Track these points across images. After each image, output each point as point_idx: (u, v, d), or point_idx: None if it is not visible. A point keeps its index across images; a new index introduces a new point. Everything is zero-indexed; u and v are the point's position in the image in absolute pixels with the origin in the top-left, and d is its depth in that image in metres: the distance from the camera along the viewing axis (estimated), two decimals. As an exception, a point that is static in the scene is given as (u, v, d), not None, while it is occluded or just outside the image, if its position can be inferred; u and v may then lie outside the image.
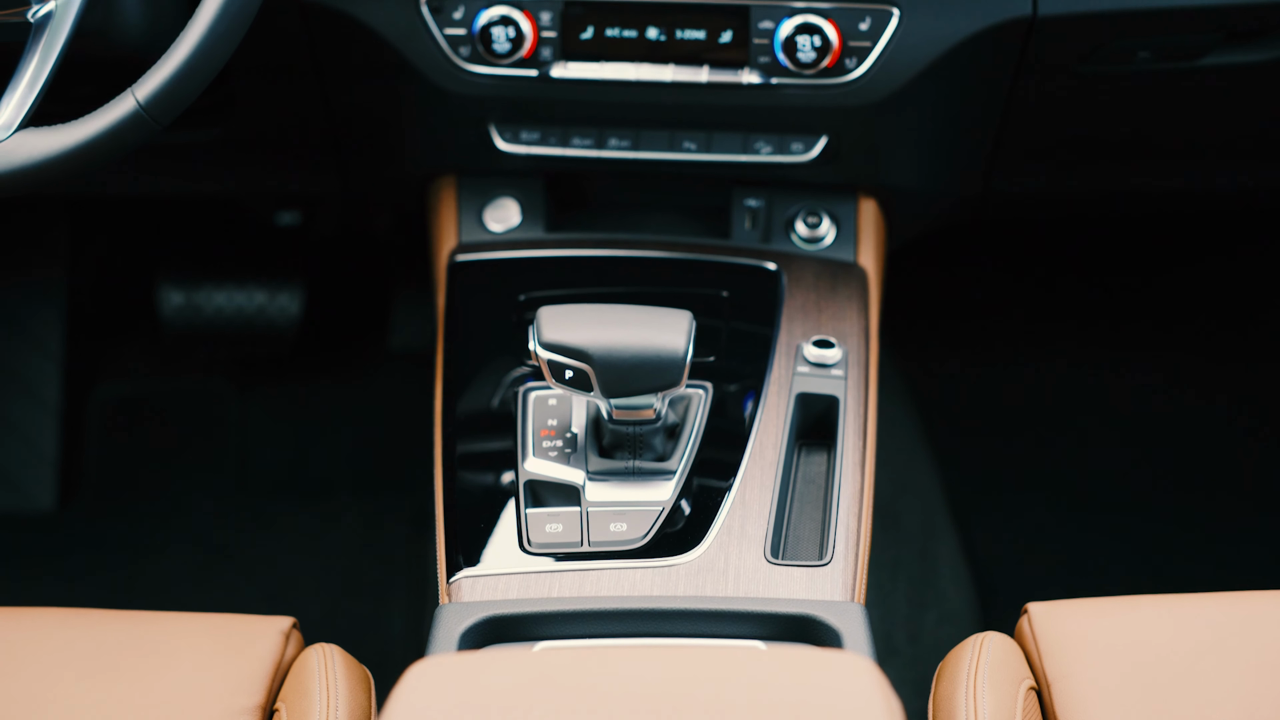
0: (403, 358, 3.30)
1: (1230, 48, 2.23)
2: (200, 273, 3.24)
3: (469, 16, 2.15)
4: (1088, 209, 2.94)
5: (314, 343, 3.33)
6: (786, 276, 2.24)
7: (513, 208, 2.35)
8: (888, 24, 2.13)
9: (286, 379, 3.33)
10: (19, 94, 1.89)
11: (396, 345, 3.32)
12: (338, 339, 3.37)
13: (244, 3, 1.84)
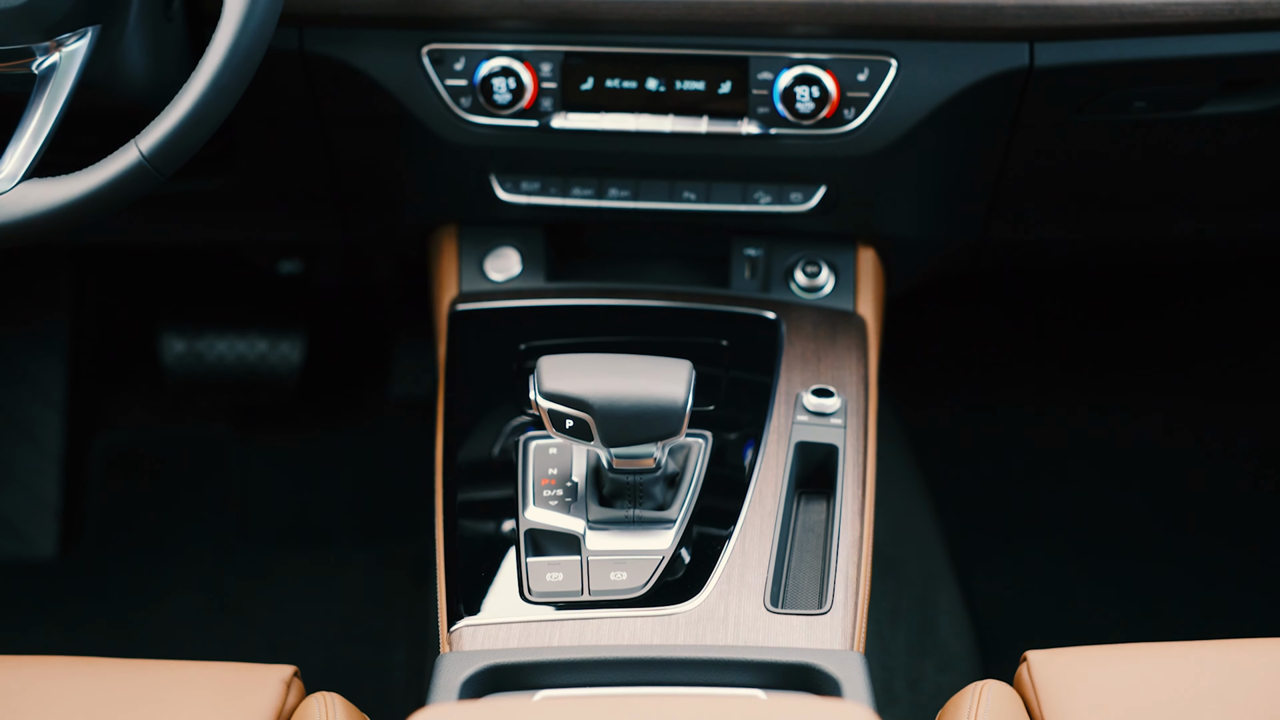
0: (404, 405, 3.31)
1: (1227, 97, 2.25)
2: (202, 321, 3.25)
3: (470, 68, 2.17)
4: (1087, 257, 2.94)
5: (315, 390, 3.33)
6: (786, 325, 2.25)
7: (513, 257, 2.36)
8: (886, 75, 2.15)
9: (288, 426, 3.33)
10: (23, 145, 1.90)
11: (397, 393, 3.33)
12: (339, 387, 3.38)
13: (247, 55, 1.85)
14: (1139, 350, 3.38)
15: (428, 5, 2.13)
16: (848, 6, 2.10)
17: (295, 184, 2.47)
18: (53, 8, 1.88)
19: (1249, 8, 2.10)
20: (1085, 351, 3.39)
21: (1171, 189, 2.47)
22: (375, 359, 3.38)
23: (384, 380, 3.35)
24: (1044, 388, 3.35)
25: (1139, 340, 3.39)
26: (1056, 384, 3.35)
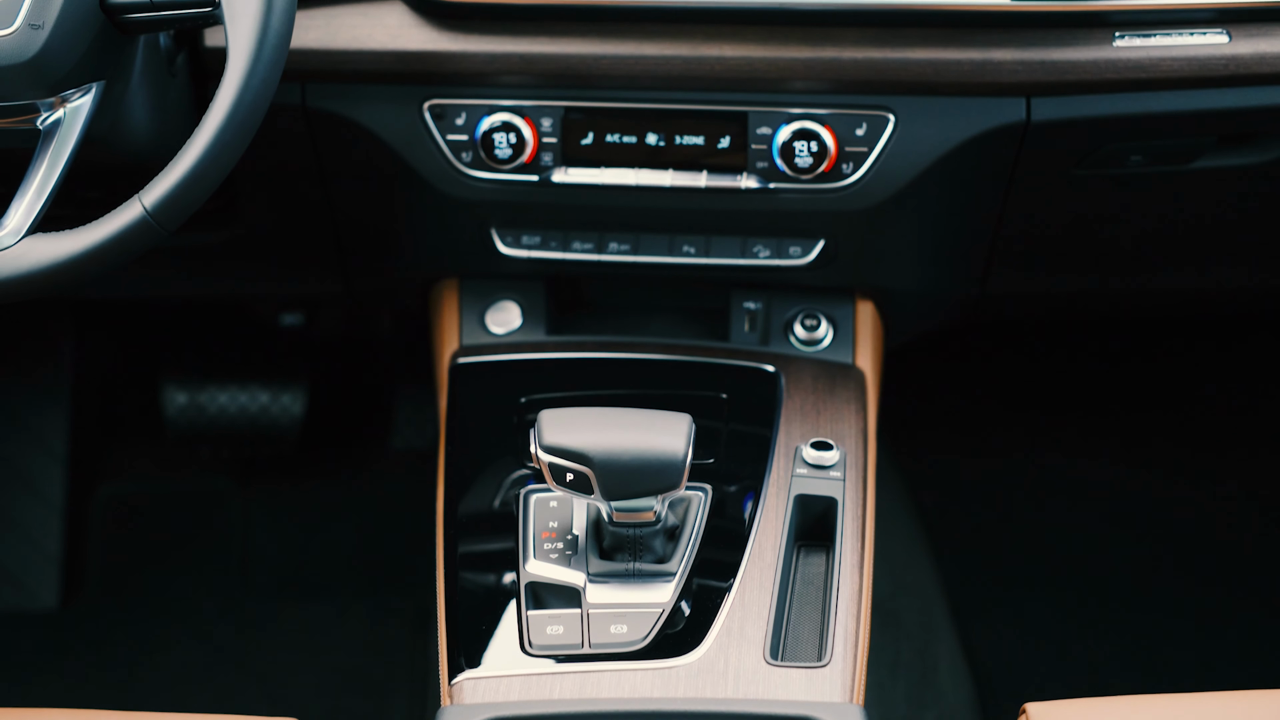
0: (405, 457, 3.32)
1: (1223, 151, 2.26)
2: (203, 373, 3.26)
3: (471, 123, 2.19)
4: (1085, 309, 2.95)
5: (316, 442, 3.34)
6: (785, 378, 2.26)
7: (514, 310, 2.38)
8: (884, 130, 2.16)
9: (289, 478, 3.34)
10: (28, 200, 1.91)
11: (398, 445, 3.34)
12: (340, 438, 3.38)
13: (250, 110, 1.86)
14: (1139, 398, 3.39)
15: (429, 61, 2.15)
16: (845, 62, 2.11)
17: (297, 238, 2.48)
18: (58, 64, 1.89)
19: (1243, 62, 2.12)
20: (1085, 400, 3.40)
21: (1168, 242, 2.48)
22: (376, 411, 3.38)
23: (385, 432, 3.36)
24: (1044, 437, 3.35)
25: (1139, 388, 3.40)
26: (1056, 433, 3.35)
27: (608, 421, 1.87)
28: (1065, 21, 2.11)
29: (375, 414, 3.38)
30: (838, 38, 2.12)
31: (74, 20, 1.89)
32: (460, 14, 2.14)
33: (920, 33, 2.12)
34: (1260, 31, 2.13)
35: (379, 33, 2.16)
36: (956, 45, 2.11)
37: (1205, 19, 2.13)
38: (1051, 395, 3.41)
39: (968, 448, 3.34)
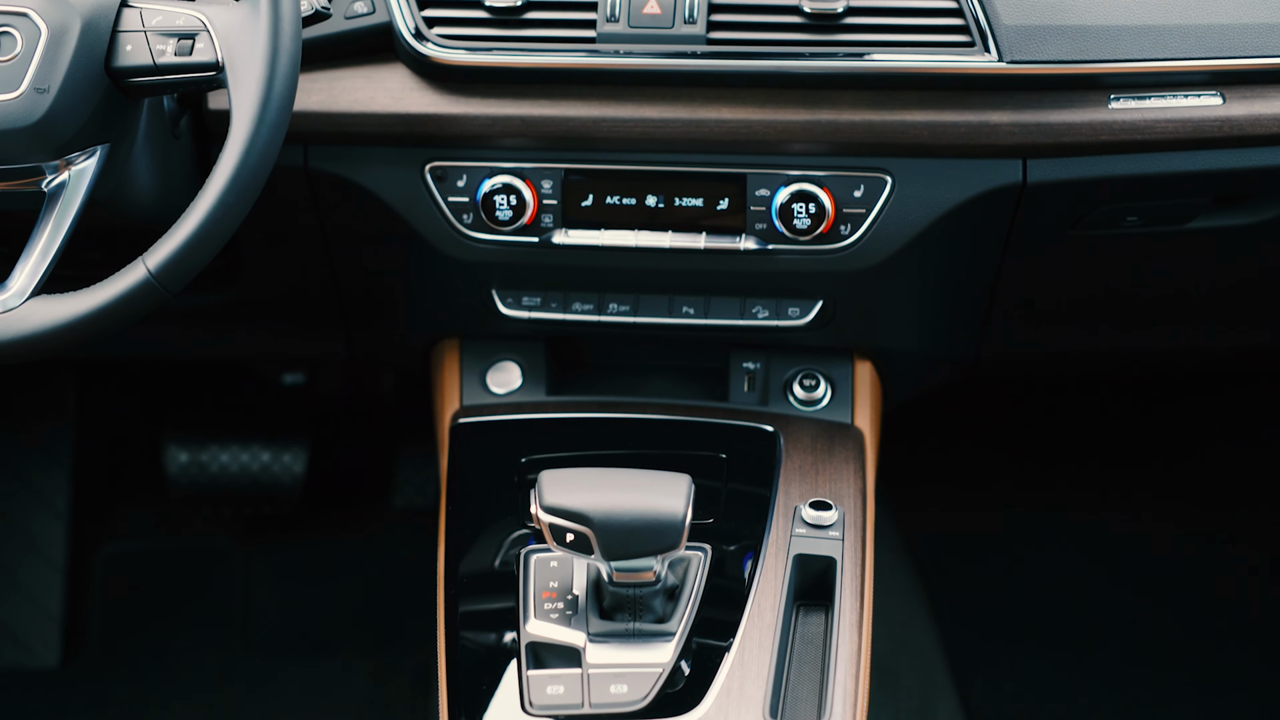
0: (406, 516, 3.32)
1: (1218, 211, 2.28)
2: (205, 432, 3.27)
3: (472, 185, 2.20)
4: (1083, 369, 2.96)
5: (318, 501, 3.35)
6: (784, 438, 2.27)
7: (514, 371, 2.39)
8: (881, 191, 2.17)
9: (290, 537, 3.34)
10: (32, 262, 1.92)
11: (399, 503, 3.34)
12: (341, 497, 3.39)
13: (254, 174, 1.87)
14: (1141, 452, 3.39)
15: (431, 124, 2.16)
16: (843, 125, 2.13)
17: (299, 298, 2.49)
18: (63, 128, 1.91)
19: (1237, 124, 2.14)
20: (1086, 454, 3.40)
21: (1165, 301, 2.49)
22: (377, 470, 3.39)
23: (386, 491, 3.36)
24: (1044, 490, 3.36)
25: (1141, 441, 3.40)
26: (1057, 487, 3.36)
27: (608, 482, 1.88)
28: (1061, 84, 2.13)
29: (376, 473, 3.39)
30: (835, 100, 2.13)
31: (79, 84, 1.91)
32: (461, 77, 2.16)
33: (917, 95, 2.13)
34: (1254, 94, 2.15)
35: (381, 95, 2.17)
36: (953, 108, 2.13)
37: (1199, 81, 2.15)
38: (1051, 449, 3.41)
39: (967, 501, 3.34)
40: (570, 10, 2.15)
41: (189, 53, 1.92)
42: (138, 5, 1.95)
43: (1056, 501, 3.33)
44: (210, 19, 1.92)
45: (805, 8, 2.12)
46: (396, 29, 2.16)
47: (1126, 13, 2.13)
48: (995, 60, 2.11)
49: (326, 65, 2.19)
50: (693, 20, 2.13)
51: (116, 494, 3.38)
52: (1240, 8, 2.14)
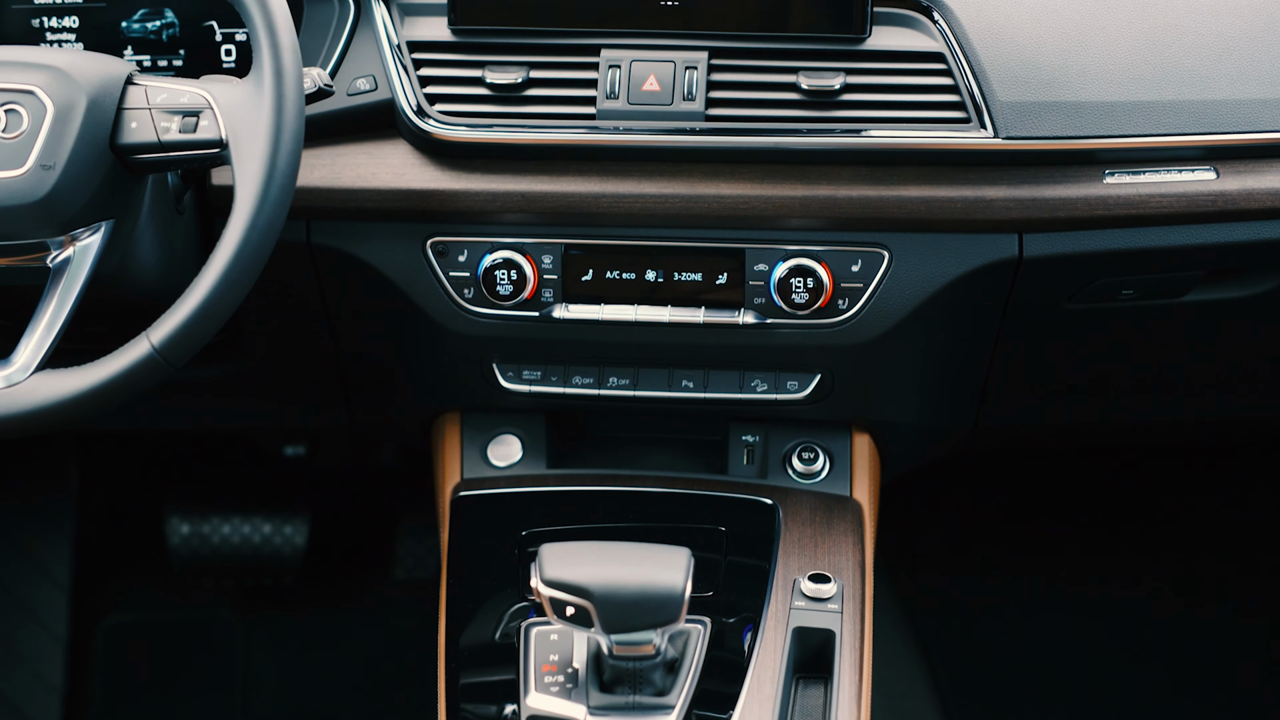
0: (407, 588, 3.32)
1: (1212, 284, 2.29)
2: (207, 503, 3.28)
3: (473, 260, 2.21)
4: (1082, 439, 2.97)
5: (319, 572, 3.35)
6: (783, 511, 2.28)
7: (515, 444, 2.40)
8: (879, 266, 2.19)
9: (291, 608, 3.34)
10: (37, 336, 1.94)
11: (400, 575, 3.34)
12: (342, 569, 3.39)
13: (257, 249, 1.89)
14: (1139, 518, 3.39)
15: (432, 199, 2.18)
16: (841, 200, 2.15)
17: (301, 371, 2.51)
18: (69, 204, 1.93)
19: (1231, 198, 2.16)
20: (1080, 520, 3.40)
21: (1162, 373, 2.50)
22: (378, 541, 3.39)
23: (387, 563, 3.36)
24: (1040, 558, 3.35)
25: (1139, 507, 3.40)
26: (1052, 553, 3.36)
27: (608, 556, 1.89)
28: (1056, 160, 2.15)
29: (377, 544, 3.39)
30: (833, 176, 2.15)
31: (85, 161, 1.93)
32: (463, 153, 2.18)
33: (914, 171, 2.15)
34: (1247, 168, 2.17)
35: (383, 171, 2.19)
36: (949, 183, 2.15)
37: (1193, 157, 2.17)
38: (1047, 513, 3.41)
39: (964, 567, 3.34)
40: (571, 88, 2.18)
41: (193, 130, 1.94)
42: (143, 83, 1.97)
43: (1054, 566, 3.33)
44: (214, 96, 1.94)
45: (803, 85, 2.14)
46: (399, 106, 2.18)
47: (1121, 89, 2.15)
48: (991, 136, 2.13)
49: (329, 141, 2.21)
50: (692, 97, 2.15)
51: (118, 565, 3.38)
52: (1232, 84, 2.17)
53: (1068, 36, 2.18)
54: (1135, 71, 2.17)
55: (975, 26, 2.17)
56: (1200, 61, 2.18)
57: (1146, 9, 2.21)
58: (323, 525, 3.31)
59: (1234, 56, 2.19)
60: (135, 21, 2.31)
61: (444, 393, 2.41)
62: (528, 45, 2.20)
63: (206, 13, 2.30)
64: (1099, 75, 2.16)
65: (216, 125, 1.93)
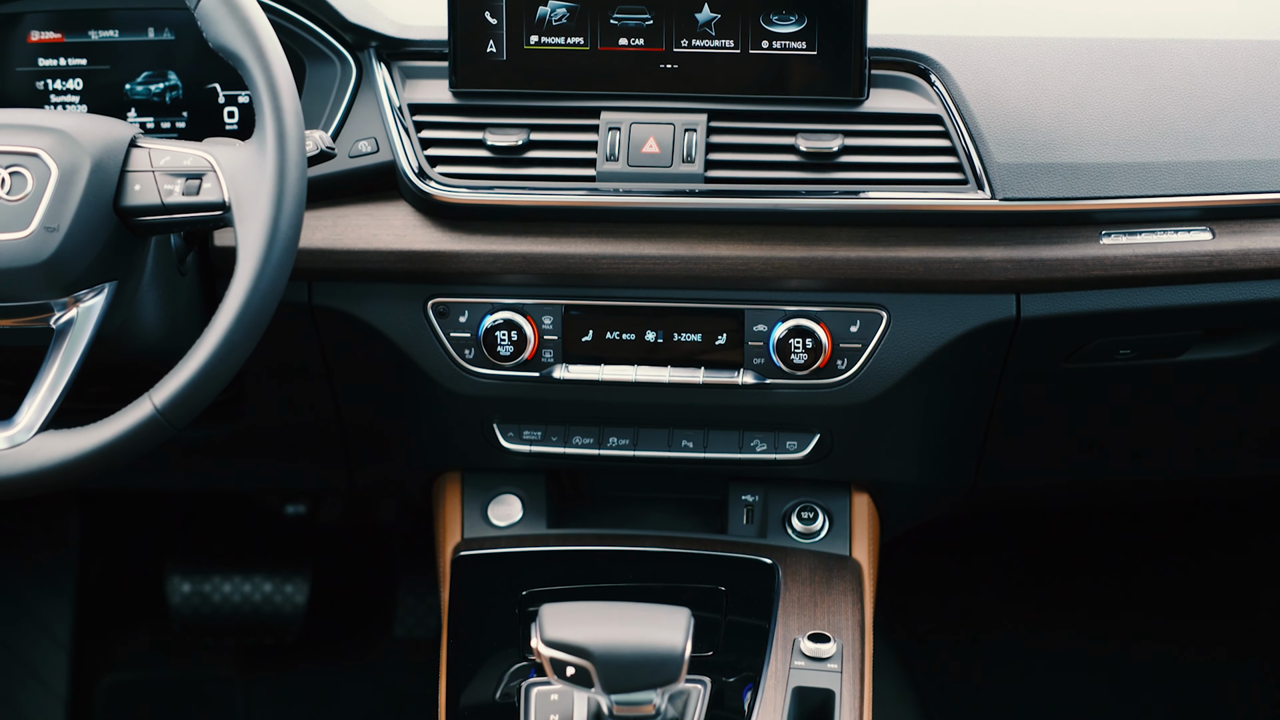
0: (407, 646, 3.32)
1: (1209, 344, 2.30)
2: (208, 562, 3.28)
3: (473, 321, 2.22)
4: (1081, 498, 2.97)
5: (320, 631, 3.34)
6: (782, 570, 2.28)
7: (515, 504, 2.40)
8: (877, 326, 2.20)
9: (292, 667, 3.34)
10: (40, 397, 1.94)
11: (400, 634, 3.34)
12: (343, 627, 3.39)
13: (259, 311, 1.90)
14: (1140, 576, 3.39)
15: (434, 260, 2.19)
16: (839, 261, 2.16)
17: (302, 431, 2.51)
18: (72, 266, 1.94)
19: (1227, 259, 2.17)
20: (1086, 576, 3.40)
21: (1160, 433, 2.51)
22: (379, 600, 3.39)
23: (388, 621, 3.36)
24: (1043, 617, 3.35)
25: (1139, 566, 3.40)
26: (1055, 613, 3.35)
27: (608, 616, 1.89)
28: (1053, 221, 2.16)
29: (378, 603, 3.39)
30: (831, 237, 2.16)
31: (89, 223, 1.94)
32: (464, 215, 2.19)
33: (912, 232, 2.17)
34: (1242, 229, 2.18)
35: (385, 233, 2.21)
36: (947, 244, 2.16)
37: (1189, 217, 2.18)
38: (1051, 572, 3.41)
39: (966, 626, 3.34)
40: (571, 149, 2.19)
41: (196, 192, 1.95)
42: (146, 146, 1.99)
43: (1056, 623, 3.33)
44: (217, 159, 1.95)
45: (801, 147, 2.16)
46: (400, 168, 2.20)
47: (1116, 150, 2.17)
48: (988, 198, 2.14)
49: (331, 202, 2.23)
50: (691, 159, 2.17)
51: (119, 624, 3.38)
52: (1227, 145, 2.18)
53: (1063, 98, 2.20)
54: (1131, 133, 2.18)
55: (972, 89, 2.19)
56: (1195, 123, 2.20)
57: (1141, 71, 2.23)
58: (323, 584, 3.31)
59: (1228, 118, 2.20)
60: (139, 84, 2.33)
61: (445, 453, 2.42)
62: (528, 108, 2.21)
63: (209, 75, 2.32)
64: (1095, 137, 2.17)
65: (219, 188, 1.94)
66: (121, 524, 3.44)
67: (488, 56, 2.21)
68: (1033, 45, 2.25)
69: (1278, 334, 2.30)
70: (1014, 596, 3.38)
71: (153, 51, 2.33)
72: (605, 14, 2.18)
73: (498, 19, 2.20)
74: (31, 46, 2.32)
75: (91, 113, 2.30)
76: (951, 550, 3.40)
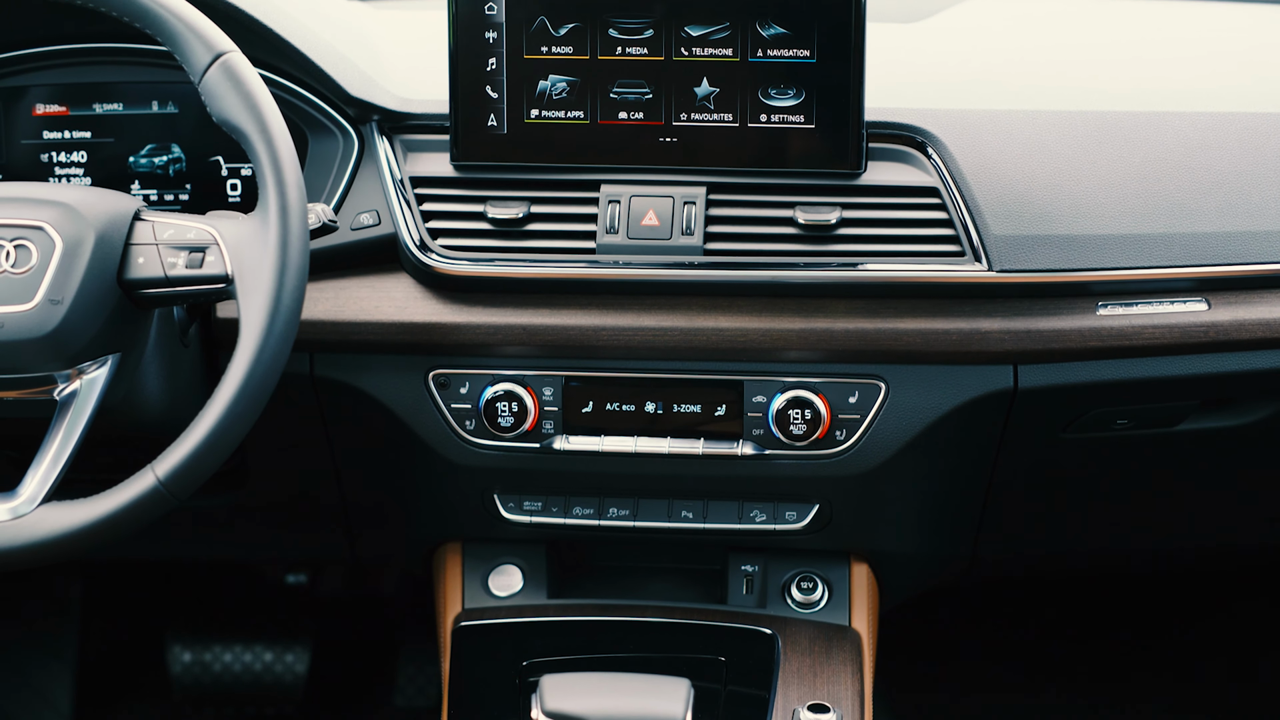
0: (408, 716, 3.31)
1: (1206, 414, 2.31)
2: (209, 631, 3.27)
3: (474, 392, 2.23)
4: (1081, 566, 2.97)
5: (320, 701, 3.33)
6: (782, 641, 2.28)
7: (516, 574, 2.41)
8: (876, 398, 2.20)
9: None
10: (44, 469, 1.95)
11: (401, 703, 3.33)
12: (344, 697, 3.38)
13: (262, 383, 1.91)
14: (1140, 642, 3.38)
15: (434, 332, 2.20)
16: (838, 333, 2.17)
17: (303, 501, 2.52)
18: (76, 338, 1.95)
19: (1223, 329, 2.18)
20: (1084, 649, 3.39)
21: (1158, 502, 2.51)
22: (379, 670, 3.39)
23: (388, 691, 3.35)
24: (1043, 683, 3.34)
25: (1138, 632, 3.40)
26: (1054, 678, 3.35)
27: (608, 687, 1.90)
28: (1050, 292, 2.17)
29: (378, 673, 3.39)
30: (829, 309, 2.17)
31: (92, 296, 1.95)
32: (465, 287, 2.20)
33: (909, 304, 2.18)
34: (1238, 299, 2.19)
35: (386, 304, 2.22)
36: (945, 315, 2.17)
37: (1185, 288, 2.19)
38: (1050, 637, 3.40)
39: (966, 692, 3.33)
40: (571, 222, 2.21)
41: (200, 265, 1.96)
42: (150, 219, 2.00)
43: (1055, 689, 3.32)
44: (220, 232, 1.96)
45: (800, 219, 2.17)
46: (401, 240, 2.21)
47: (1112, 222, 2.18)
48: (985, 269, 2.15)
49: (333, 274, 2.24)
50: (690, 232, 2.18)
51: (119, 693, 3.37)
52: (1222, 216, 2.19)
53: (1059, 171, 2.21)
54: (1126, 205, 2.19)
55: (969, 161, 2.20)
56: (1190, 194, 2.21)
57: (1136, 143, 2.25)
58: (324, 653, 3.31)
59: (1223, 189, 2.22)
60: (142, 156, 2.35)
61: (445, 523, 2.43)
62: (529, 180, 2.23)
63: (212, 148, 2.34)
64: (1090, 208, 2.19)
65: (222, 261, 1.95)
66: (122, 592, 3.44)
67: (489, 130, 2.23)
68: (1028, 118, 2.26)
69: (1275, 403, 2.31)
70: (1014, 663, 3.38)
71: (156, 124, 2.35)
72: (605, 88, 2.20)
73: (499, 93, 2.22)
74: (37, 119, 2.35)
75: (95, 185, 2.32)
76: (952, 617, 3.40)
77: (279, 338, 1.91)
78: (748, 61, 2.18)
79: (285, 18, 2.26)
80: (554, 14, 2.19)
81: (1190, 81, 2.39)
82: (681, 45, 2.18)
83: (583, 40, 2.19)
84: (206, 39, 1.97)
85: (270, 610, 3.34)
